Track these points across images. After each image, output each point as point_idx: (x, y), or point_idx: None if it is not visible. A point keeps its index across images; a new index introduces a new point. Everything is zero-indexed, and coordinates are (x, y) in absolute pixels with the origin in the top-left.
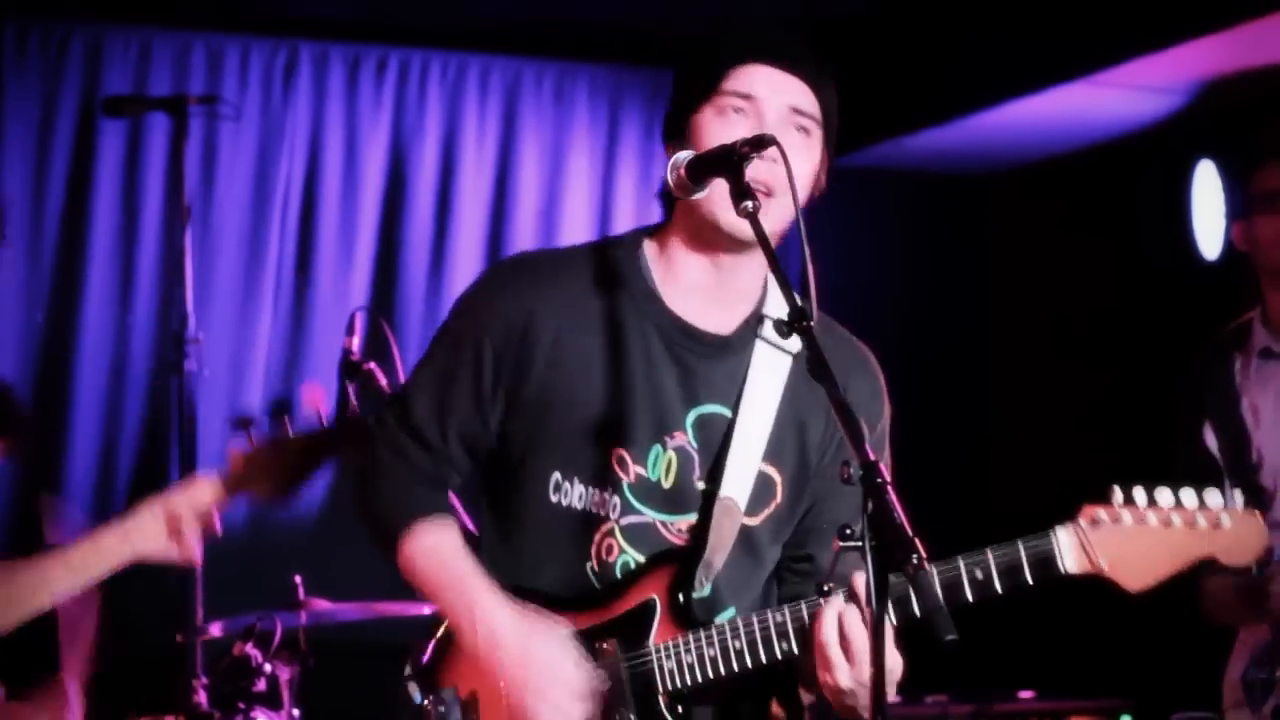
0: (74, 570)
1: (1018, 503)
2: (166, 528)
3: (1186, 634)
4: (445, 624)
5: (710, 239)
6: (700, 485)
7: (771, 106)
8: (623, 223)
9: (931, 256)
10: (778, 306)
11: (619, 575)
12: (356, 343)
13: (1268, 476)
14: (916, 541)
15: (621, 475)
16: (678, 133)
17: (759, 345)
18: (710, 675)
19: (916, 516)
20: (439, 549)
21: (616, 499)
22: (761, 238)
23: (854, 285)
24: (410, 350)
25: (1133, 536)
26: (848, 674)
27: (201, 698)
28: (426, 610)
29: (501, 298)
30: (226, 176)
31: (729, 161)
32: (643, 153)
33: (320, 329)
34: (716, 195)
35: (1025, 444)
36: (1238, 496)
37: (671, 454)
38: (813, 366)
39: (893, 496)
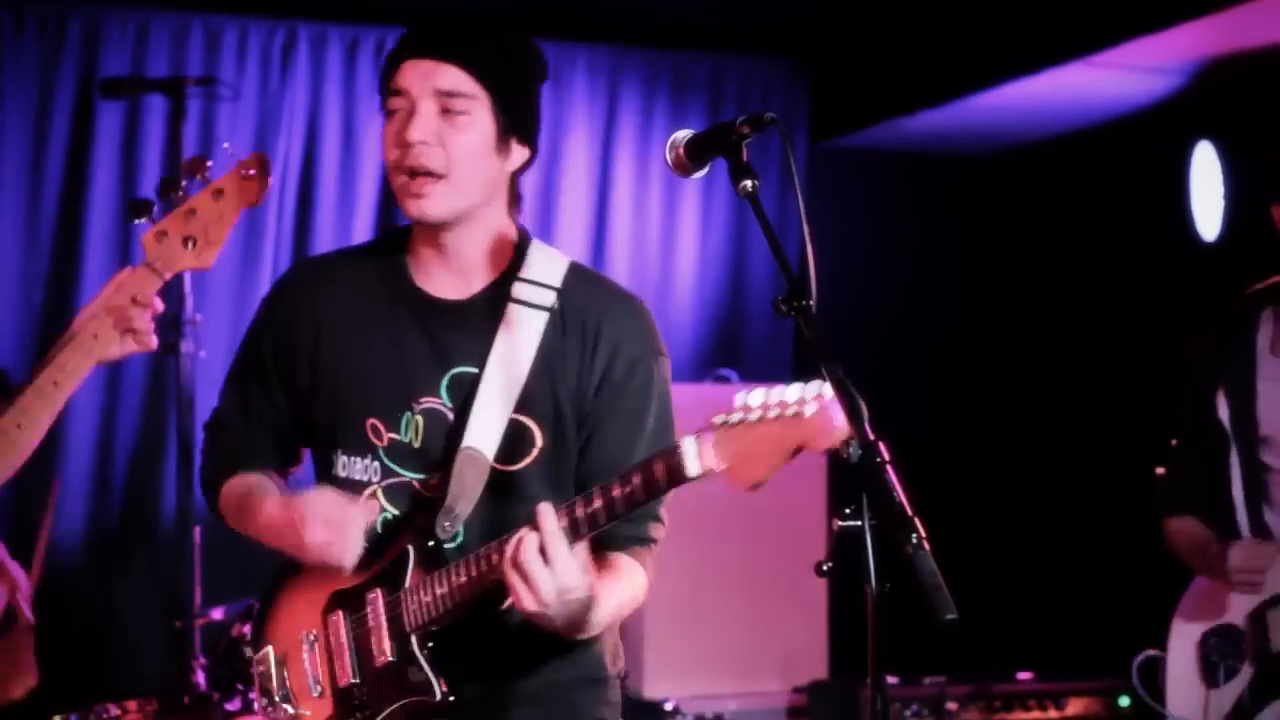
0: (45, 395)
1: (1016, 482)
2: (116, 326)
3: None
4: (266, 588)
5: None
6: (450, 441)
7: (420, 96)
8: (620, 202)
9: (930, 238)
10: (537, 268)
11: (380, 532)
12: None
13: (1274, 455)
14: (916, 521)
15: (377, 442)
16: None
17: (511, 307)
18: (448, 608)
19: (914, 496)
20: (237, 490)
21: (376, 464)
22: (760, 215)
23: (853, 266)
24: None
25: (742, 435)
26: (528, 595)
27: (200, 679)
28: None
29: (276, 299)
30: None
31: (726, 140)
32: (640, 133)
33: None
34: (395, 183)
35: (1023, 423)
36: (826, 387)
37: (419, 417)
38: (813, 347)
39: (892, 476)
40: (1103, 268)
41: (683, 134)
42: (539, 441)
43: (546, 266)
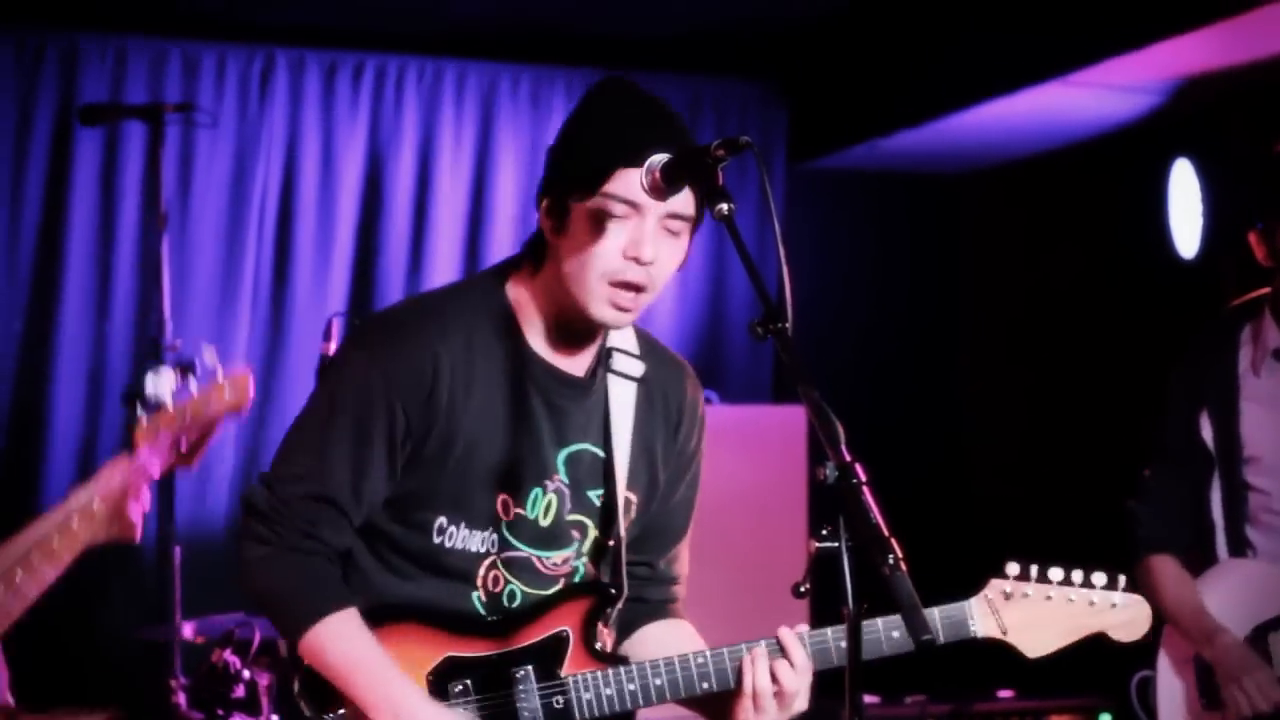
0: (33, 570)
1: (990, 503)
2: (108, 514)
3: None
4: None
5: (573, 317)
6: (569, 518)
7: (653, 213)
8: None
9: (909, 258)
10: (618, 337)
11: (509, 604)
12: (333, 348)
13: (1259, 475)
14: (892, 542)
15: (503, 516)
16: (560, 209)
17: (610, 379)
18: (627, 707)
19: (889, 516)
20: (352, 639)
21: (495, 536)
22: (736, 238)
23: (830, 286)
24: None
25: (1034, 608)
26: (775, 716)
27: (180, 698)
28: None
29: (405, 354)
30: (203, 183)
31: (702, 164)
32: None
33: (298, 335)
34: (590, 290)
35: (998, 444)
36: (1121, 580)
37: (552, 496)
38: (789, 370)
39: (869, 497)
40: (1081, 286)
41: (659, 157)
42: (632, 514)
43: (623, 333)
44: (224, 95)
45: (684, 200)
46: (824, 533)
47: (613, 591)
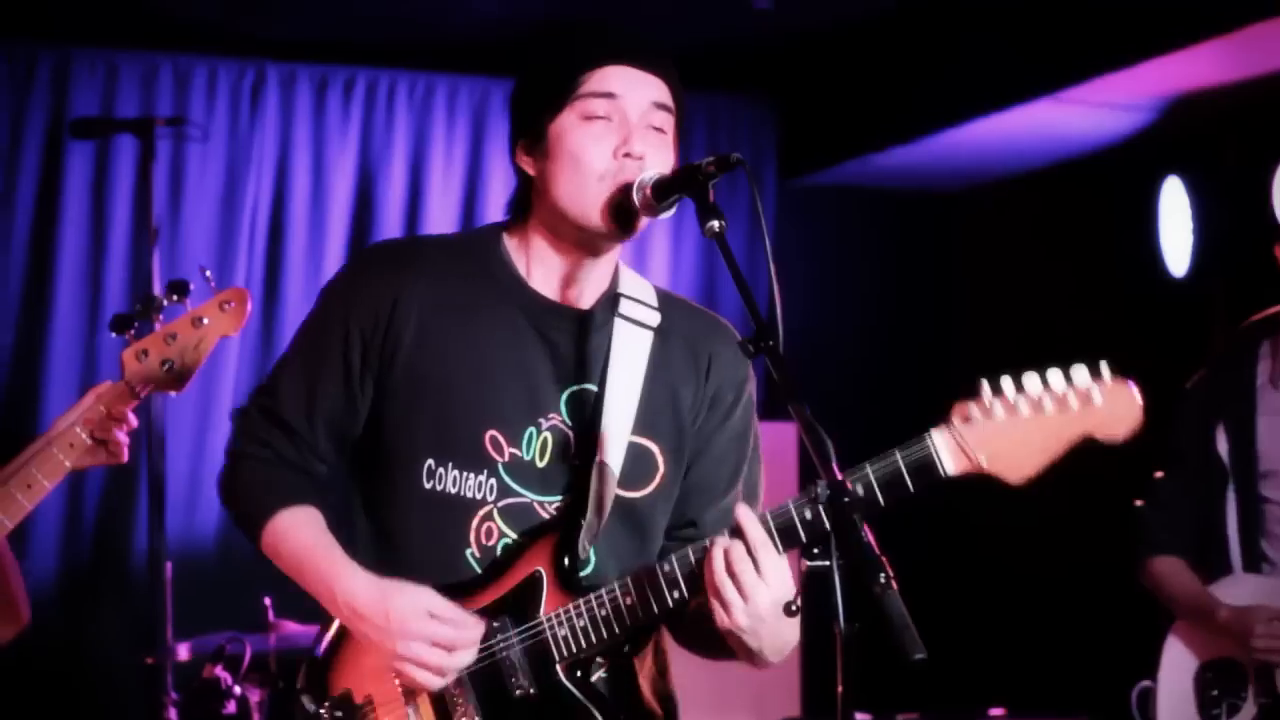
0: (13, 499)
1: (987, 520)
2: (91, 436)
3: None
4: (333, 631)
5: (580, 239)
6: (576, 463)
7: (632, 103)
8: None
9: (900, 275)
10: (632, 286)
11: (500, 555)
12: None
13: (1276, 489)
14: (883, 560)
15: (496, 457)
16: (536, 139)
17: (618, 323)
18: (605, 635)
19: (884, 535)
20: (299, 531)
21: (493, 481)
22: (727, 255)
23: (824, 303)
24: None
25: (1008, 428)
26: (742, 610)
27: (172, 715)
28: None
29: (365, 281)
30: (194, 197)
31: (693, 181)
32: None
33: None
34: (591, 197)
35: None
36: (1104, 367)
37: (547, 434)
38: (780, 388)
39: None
40: (1072, 303)
41: (650, 174)
42: (661, 467)
43: (639, 286)
44: (215, 109)
45: (659, 89)
46: (815, 551)
47: (579, 521)
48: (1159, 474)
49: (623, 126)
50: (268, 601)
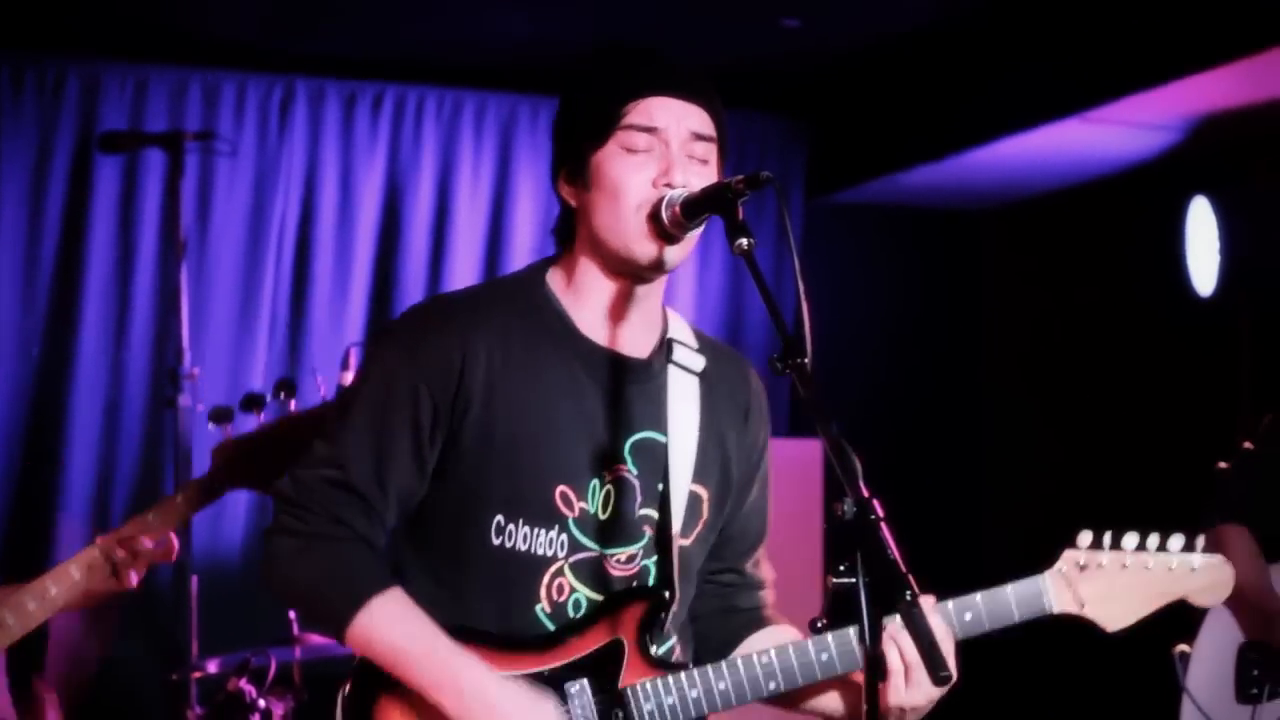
0: (21, 613)
1: (1011, 539)
2: (111, 565)
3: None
4: (358, 665)
5: (623, 270)
6: (640, 513)
7: (674, 135)
8: None
9: (926, 293)
10: (678, 330)
11: (574, 613)
12: (351, 378)
13: None
14: (910, 578)
15: (566, 512)
16: (577, 170)
17: (671, 370)
18: (692, 714)
19: (910, 553)
20: (402, 620)
21: (564, 537)
22: (756, 273)
23: (849, 320)
24: None
25: (1111, 578)
26: (918, 696)
27: None
28: None
29: (431, 340)
30: (222, 212)
31: (722, 199)
32: None
33: (315, 364)
34: (631, 228)
35: (1018, 478)
36: (1200, 542)
37: (610, 486)
38: (807, 405)
39: (886, 533)
40: (1098, 322)
41: (679, 192)
42: (705, 514)
43: (681, 328)
44: (244, 124)
45: (700, 119)
46: (841, 569)
47: (665, 595)
48: (1248, 444)
49: (664, 158)
50: (292, 615)
